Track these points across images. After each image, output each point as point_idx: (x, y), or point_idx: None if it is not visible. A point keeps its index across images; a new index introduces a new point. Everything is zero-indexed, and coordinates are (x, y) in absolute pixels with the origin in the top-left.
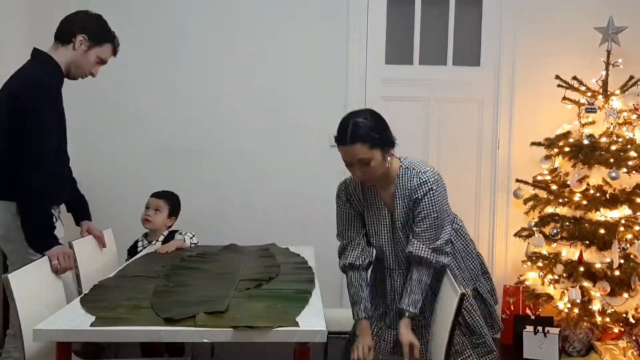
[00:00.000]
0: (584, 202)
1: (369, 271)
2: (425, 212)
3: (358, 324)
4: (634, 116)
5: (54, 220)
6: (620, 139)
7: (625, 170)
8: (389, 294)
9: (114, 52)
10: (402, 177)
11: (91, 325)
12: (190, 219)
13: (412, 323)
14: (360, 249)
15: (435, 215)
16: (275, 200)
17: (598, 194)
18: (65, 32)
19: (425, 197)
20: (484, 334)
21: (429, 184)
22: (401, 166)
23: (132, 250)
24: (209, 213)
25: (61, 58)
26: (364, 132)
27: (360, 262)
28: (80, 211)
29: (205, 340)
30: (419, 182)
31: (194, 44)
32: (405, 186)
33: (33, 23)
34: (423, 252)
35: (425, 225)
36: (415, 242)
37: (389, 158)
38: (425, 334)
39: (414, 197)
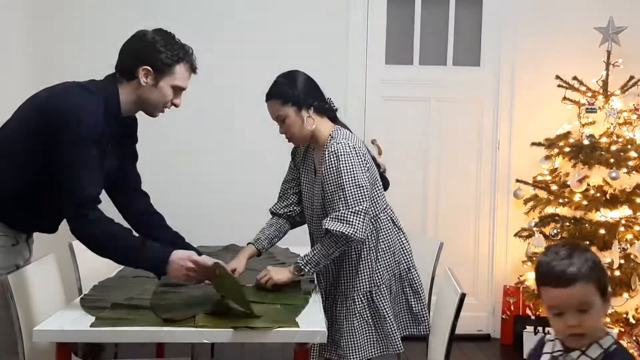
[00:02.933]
0: (584, 203)
1: (286, 224)
2: (328, 183)
3: (244, 248)
4: (634, 116)
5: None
6: (620, 139)
7: (625, 170)
8: None
9: (193, 70)
10: (327, 143)
11: (91, 326)
12: (190, 219)
13: (295, 274)
14: (286, 201)
15: (338, 186)
16: (275, 200)
17: (598, 194)
18: (126, 67)
19: (329, 168)
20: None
21: (333, 155)
22: (330, 133)
23: None
24: (208, 213)
25: (129, 96)
26: (278, 88)
27: (279, 211)
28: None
29: (205, 341)
30: (329, 151)
31: (193, 43)
32: (325, 153)
33: (32, 24)
34: (326, 224)
35: (330, 197)
36: (328, 219)
37: (307, 118)
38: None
39: (327, 165)
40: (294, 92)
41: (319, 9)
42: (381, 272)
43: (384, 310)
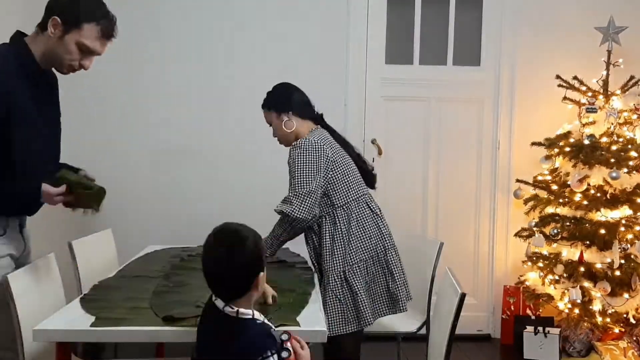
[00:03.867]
0: (585, 202)
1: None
2: (290, 173)
3: None
4: (635, 116)
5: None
6: (620, 139)
7: (625, 170)
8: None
9: (104, 35)
10: None
11: (91, 326)
12: (191, 218)
13: None
14: None
15: (295, 175)
16: (276, 200)
17: (599, 194)
18: (44, 17)
19: (291, 157)
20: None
21: (296, 148)
22: (308, 133)
23: None
24: (208, 213)
25: (39, 47)
26: (266, 98)
27: None
28: None
29: None
30: (292, 146)
31: (193, 44)
32: None
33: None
34: (278, 206)
35: (290, 185)
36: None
37: (286, 120)
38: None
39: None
40: (275, 99)
41: (319, 9)
42: (354, 254)
43: (356, 288)
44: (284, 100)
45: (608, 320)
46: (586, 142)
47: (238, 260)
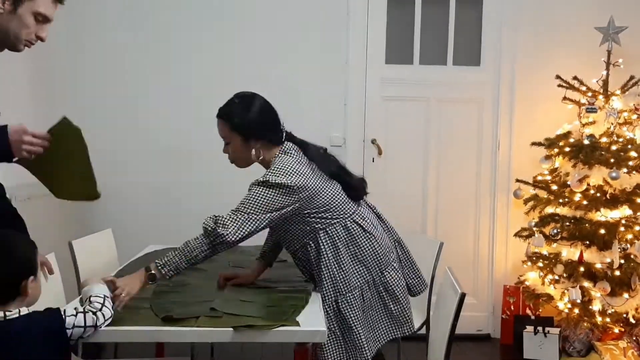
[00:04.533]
0: (585, 202)
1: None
2: (246, 195)
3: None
4: (635, 116)
5: None
6: (620, 139)
7: (625, 170)
8: None
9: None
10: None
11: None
12: (191, 219)
13: (146, 279)
14: None
15: (249, 196)
16: None
17: (598, 194)
18: None
19: (253, 183)
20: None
21: (261, 177)
22: (273, 160)
23: None
24: (209, 213)
25: None
26: (230, 111)
27: None
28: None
29: (205, 341)
30: (263, 176)
31: (194, 44)
32: None
33: None
34: (206, 221)
35: (235, 207)
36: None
37: (254, 149)
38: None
39: None
40: (244, 122)
41: (319, 8)
42: (347, 281)
43: (351, 320)
44: (259, 127)
45: (608, 320)
46: (586, 142)
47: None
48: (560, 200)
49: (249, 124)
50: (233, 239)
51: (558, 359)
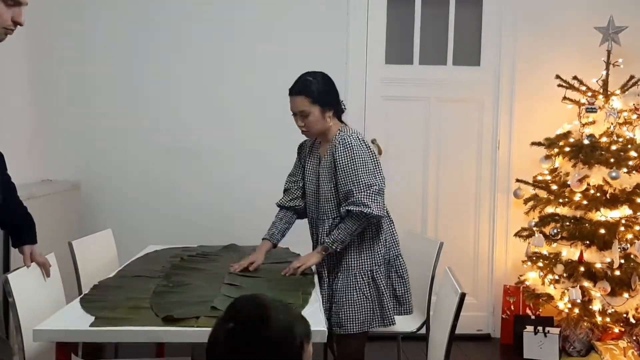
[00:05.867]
0: (584, 202)
1: (294, 215)
2: (343, 170)
3: (261, 243)
4: (634, 116)
5: None
6: (620, 139)
7: (625, 170)
8: (314, 243)
9: None
10: (335, 138)
11: (91, 326)
12: (191, 219)
13: (321, 254)
14: (292, 195)
15: (352, 172)
16: (276, 200)
17: (598, 194)
18: None
19: (343, 157)
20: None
21: (346, 145)
22: (339, 130)
23: None
24: (208, 213)
25: None
26: (308, 87)
27: (287, 204)
28: (23, 232)
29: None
30: (339, 142)
31: (194, 44)
32: (334, 145)
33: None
34: (347, 207)
35: (344, 182)
36: (346, 204)
37: (328, 118)
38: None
39: (337, 155)
40: (322, 94)
41: (319, 8)
42: (380, 255)
43: (383, 288)
44: (332, 97)
45: (608, 320)
46: (586, 142)
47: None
48: (560, 200)
49: (326, 95)
50: (377, 210)
51: (558, 358)
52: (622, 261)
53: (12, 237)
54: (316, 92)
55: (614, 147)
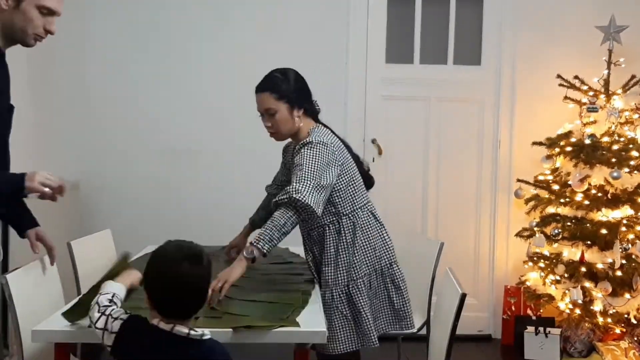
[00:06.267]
0: (586, 202)
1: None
2: (297, 168)
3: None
4: (636, 115)
5: None
6: (622, 139)
7: (627, 170)
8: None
9: None
10: (306, 139)
11: (90, 326)
12: (190, 219)
13: (247, 259)
14: (277, 183)
15: (305, 170)
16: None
17: (600, 194)
18: None
19: (300, 152)
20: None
21: (304, 145)
22: (310, 131)
23: None
24: (208, 213)
25: None
26: (273, 83)
27: (273, 191)
28: (25, 217)
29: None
30: (302, 143)
31: (193, 44)
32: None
33: None
34: (280, 196)
35: (295, 176)
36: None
37: (297, 117)
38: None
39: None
40: (289, 91)
41: (320, 8)
42: (359, 267)
43: (360, 305)
44: (302, 95)
45: (609, 320)
46: (587, 141)
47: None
48: (562, 200)
49: (292, 91)
50: (309, 199)
51: (559, 359)
52: (624, 261)
53: (14, 225)
54: (283, 88)
55: (615, 147)
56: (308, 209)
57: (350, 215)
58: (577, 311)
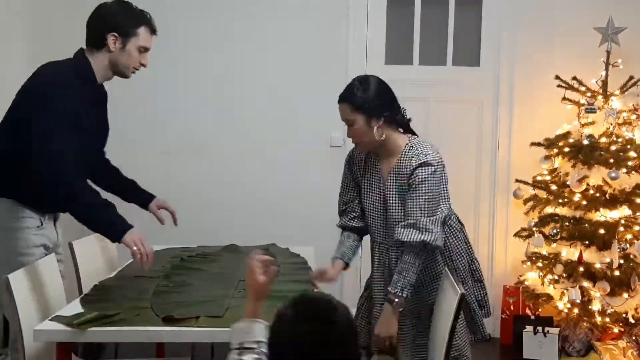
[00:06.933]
0: (584, 202)
1: (357, 236)
2: (418, 193)
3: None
4: (634, 116)
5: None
6: (620, 139)
7: (624, 170)
8: (375, 268)
9: (153, 32)
10: (405, 153)
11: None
12: (190, 219)
13: (398, 310)
14: (351, 215)
15: (427, 197)
16: (276, 200)
17: (598, 194)
18: (95, 37)
19: (421, 178)
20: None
21: (429, 166)
22: (407, 143)
23: None
24: (208, 213)
25: (101, 63)
26: (350, 92)
27: (349, 224)
28: (143, 194)
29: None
30: (418, 163)
31: (194, 43)
32: (405, 163)
33: (32, 24)
34: (405, 235)
35: (414, 207)
36: (400, 227)
37: (376, 128)
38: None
39: (412, 176)
40: (366, 100)
41: (319, 9)
42: (463, 269)
43: (472, 303)
44: (379, 103)
45: (607, 320)
46: (585, 142)
47: None
48: (560, 201)
49: (371, 101)
50: (440, 242)
51: (558, 358)
52: (622, 261)
53: (137, 203)
54: (359, 97)
55: (613, 148)
56: (438, 249)
57: (447, 222)
58: (576, 311)
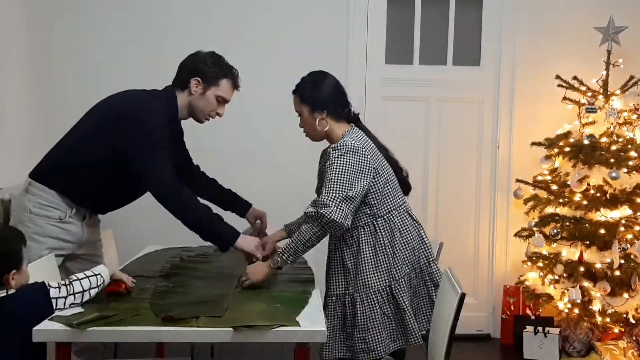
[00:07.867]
0: (584, 202)
1: None
2: (327, 174)
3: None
4: (635, 116)
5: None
6: (620, 139)
7: (625, 170)
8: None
9: (235, 87)
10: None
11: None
12: None
13: (273, 267)
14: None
15: (331, 177)
16: (276, 200)
17: (598, 194)
18: (181, 78)
19: (331, 161)
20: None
21: (338, 150)
22: (343, 134)
23: None
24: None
25: (182, 103)
26: (300, 85)
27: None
28: (240, 202)
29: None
30: (333, 147)
31: (194, 43)
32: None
33: (33, 34)
34: (307, 208)
35: (323, 187)
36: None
37: (319, 120)
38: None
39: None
40: (312, 93)
41: (319, 8)
42: (400, 267)
43: (403, 304)
44: (321, 97)
45: (608, 320)
46: (586, 142)
47: None
48: (560, 200)
49: (317, 95)
50: (336, 214)
51: (558, 359)
52: (622, 261)
53: (235, 211)
54: (306, 90)
55: (614, 147)
56: (335, 225)
57: (386, 216)
58: (576, 311)
